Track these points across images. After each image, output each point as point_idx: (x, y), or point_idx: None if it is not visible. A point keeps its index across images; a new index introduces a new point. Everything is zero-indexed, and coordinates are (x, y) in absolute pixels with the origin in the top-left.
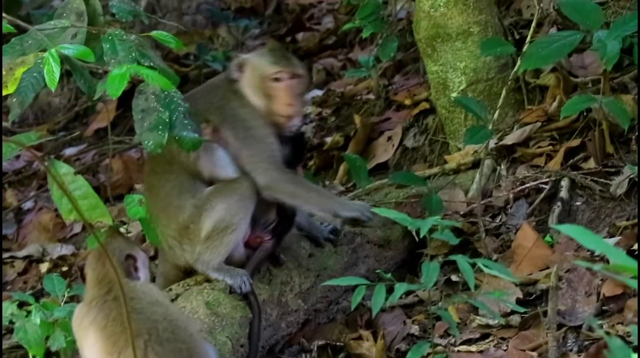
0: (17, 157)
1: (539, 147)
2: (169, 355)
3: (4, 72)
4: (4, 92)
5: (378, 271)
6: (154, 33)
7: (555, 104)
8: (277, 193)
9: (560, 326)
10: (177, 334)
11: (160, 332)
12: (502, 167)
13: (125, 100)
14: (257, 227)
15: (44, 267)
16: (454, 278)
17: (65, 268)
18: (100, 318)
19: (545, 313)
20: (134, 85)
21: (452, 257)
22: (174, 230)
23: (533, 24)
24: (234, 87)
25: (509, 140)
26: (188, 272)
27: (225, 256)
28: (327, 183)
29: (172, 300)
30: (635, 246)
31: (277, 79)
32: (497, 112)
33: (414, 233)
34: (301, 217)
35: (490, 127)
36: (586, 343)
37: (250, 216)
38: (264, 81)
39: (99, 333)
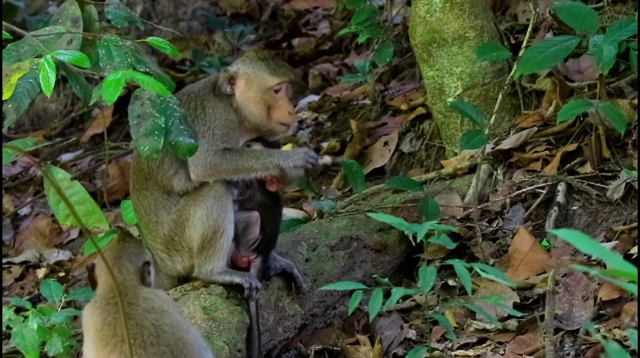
0: (14, 163)
1: (536, 152)
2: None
3: None
4: None
5: (375, 276)
6: (149, 39)
7: (551, 108)
8: (218, 176)
9: (557, 330)
10: (162, 338)
11: (145, 337)
12: (499, 172)
13: (121, 106)
14: (242, 247)
15: (40, 273)
16: (450, 282)
17: (62, 274)
18: (99, 321)
19: (542, 318)
20: (130, 91)
21: (449, 262)
22: (159, 243)
23: (529, 29)
24: (229, 101)
25: (506, 145)
26: (182, 280)
27: (225, 258)
28: (323, 188)
29: None
30: (632, 250)
31: (277, 91)
32: (493, 117)
33: (410, 238)
34: None
35: (486, 132)
36: (583, 347)
37: (233, 213)
38: (265, 93)
39: (94, 334)
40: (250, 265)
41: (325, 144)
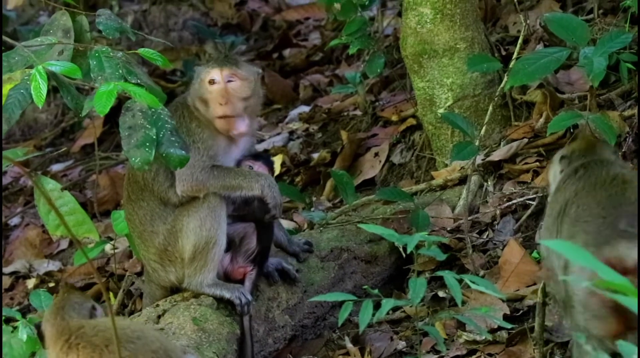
0: (4, 173)
1: (526, 163)
2: None
3: None
4: None
5: (365, 287)
6: (140, 50)
7: (542, 120)
8: (205, 191)
9: (547, 342)
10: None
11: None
12: (489, 183)
13: (112, 116)
14: (239, 258)
15: (30, 283)
16: (440, 294)
17: (52, 284)
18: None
19: (532, 329)
20: (121, 102)
21: (439, 273)
22: (153, 253)
23: (519, 41)
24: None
25: (496, 156)
26: (174, 291)
27: (216, 270)
28: (314, 198)
29: (159, 316)
30: None
31: (212, 82)
32: (483, 128)
33: (401, 249)
34: (277, 234)
35: (477, 143)
36: None
37: (226, 224)
38: (202, 86)
39: None
40: (246, 277)
41: (315, 155)
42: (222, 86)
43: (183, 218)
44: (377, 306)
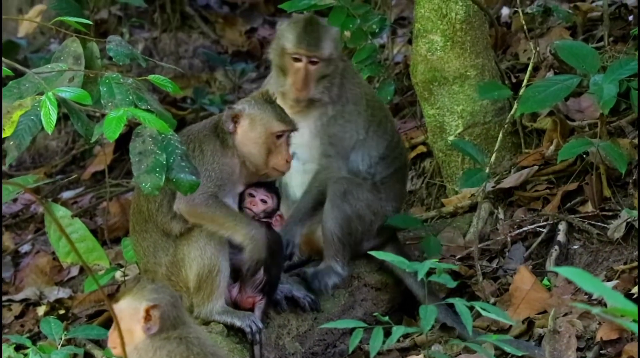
0: (15, 200)
1: (536, 190)
2: None
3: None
4: (2, 136)
5: (375, 314)
6: (151, 77)
7: (552, 147)
8: (194, 218)
9: None
10: None
11: None
12: (500, 210)
13: (122, 143)
14: (247, 288)
15: (41, 310)
16: (449, 322)
17: (62, 311)
18: None
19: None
20: (131, 128)
21: (449, 300)
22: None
23: (529, 68)
24: (223, 137)
25: (506, 183)
26: None
27: (223, 297)
28: None
29: None
30: (633, 290)
31: (280, 136)
32: (494, 155)
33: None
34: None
35: (487, 170)
36: None
37: (228, 252)
38: (268, 136)
39: None
40: (255, 306)
41: None
42: (288, 142)
43: (183, 247)
44: (387, 333)
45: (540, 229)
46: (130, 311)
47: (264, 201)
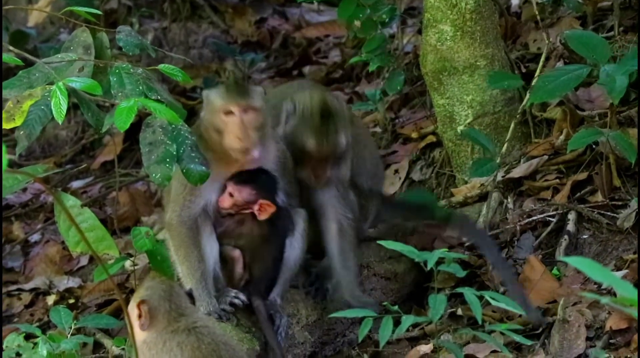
0: (24, 190)
1: (546, 180)
2: None
3: (11, 105)
4: (12, 125)
5: (385, 303)
6: (161, 66)
7: (562, 137)
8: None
9: None
10: None
11: None
12: (509, 200)
13: (132, 133)
14: (229, 285)
15: (50, 299)
16: (459, 312)
17: (71, 301)
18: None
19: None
20: (141, 118)
21: (459, 290)
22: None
23: (542, 58)
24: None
25: (516, 173)
26: None
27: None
28: None
29: None
30: None
31: (228, 113)
32: (504, 145)
33: (422, 265)
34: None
35: (497, 160)
36: None
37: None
38: (214, 116)
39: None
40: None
41: None
42: (240, 118)
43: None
44: (396, 323)
45: (550, 219)
46: (131, 311)
47: (230, 195)
